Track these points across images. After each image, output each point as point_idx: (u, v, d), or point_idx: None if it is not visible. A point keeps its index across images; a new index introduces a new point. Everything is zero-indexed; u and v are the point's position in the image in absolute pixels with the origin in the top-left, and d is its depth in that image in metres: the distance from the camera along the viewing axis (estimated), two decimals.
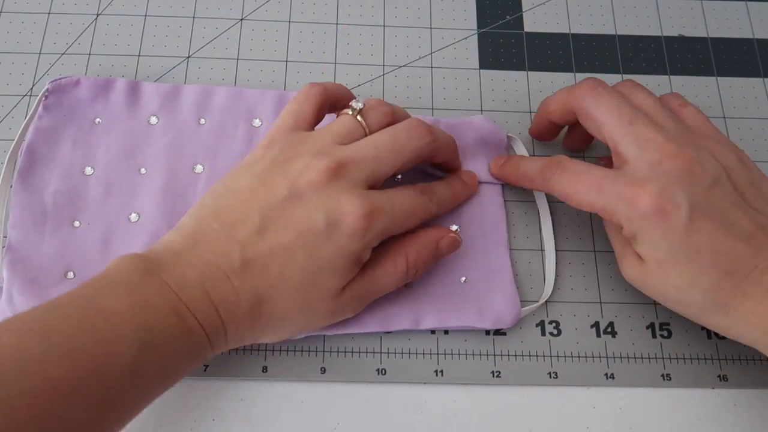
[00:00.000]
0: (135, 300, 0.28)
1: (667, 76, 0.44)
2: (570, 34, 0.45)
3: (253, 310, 0.30)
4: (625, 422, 0.35)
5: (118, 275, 0.29)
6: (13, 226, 0.36)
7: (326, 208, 0.31)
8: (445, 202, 0.37)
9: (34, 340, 0.25)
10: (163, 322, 0.28)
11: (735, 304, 0.31)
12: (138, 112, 0.40)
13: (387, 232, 0.32)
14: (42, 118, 0.39)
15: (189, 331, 0.28)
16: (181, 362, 0.29)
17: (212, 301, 0.29)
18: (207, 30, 0.44)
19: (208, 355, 0.30)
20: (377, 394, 0.35)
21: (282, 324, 0.32)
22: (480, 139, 0.40)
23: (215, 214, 0.31)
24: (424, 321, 0.35)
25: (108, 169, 0.38)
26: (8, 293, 0.35)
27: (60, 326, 0.26)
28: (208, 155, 0.39)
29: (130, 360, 0.26)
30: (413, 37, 0.45)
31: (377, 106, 0.34)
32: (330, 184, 0.31)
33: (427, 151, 0.34)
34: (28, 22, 0.43)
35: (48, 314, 0.27)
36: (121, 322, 0.27)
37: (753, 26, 0.46)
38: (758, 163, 0.41)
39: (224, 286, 0.29)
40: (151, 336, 0.27)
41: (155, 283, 0.28)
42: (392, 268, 0.33)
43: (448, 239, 0.35)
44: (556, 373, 0.36)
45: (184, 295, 0.28)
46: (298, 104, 0.34)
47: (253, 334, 0.31)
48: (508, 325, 0.36)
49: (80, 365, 0.25)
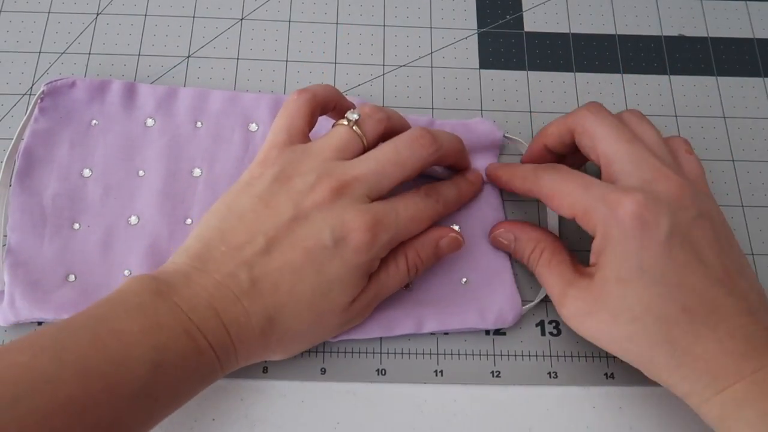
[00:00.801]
0: (147, 321, 0.28)
1: (667, 76, 0.44)
2: (570, 33, 0.45)
3: (264, 330, 0.30)
4: (625, 422, 0.35)
5: (130, 296, 0.29)
6: (13, 229, 0.36)
7: (332, 226, 0.31)
8: (452, 202, 0.37)
9: (46, 360, 0.25)
10: (174, 343, 0.28)
11: (684, 344, 0.29)
12: (134, 114, 0.40)
13: (394, 241, 0.33)
14: (38, 120, 0.39)
15: (200, 352, 0.28)
16: (192, 383, 0.29)
17: (223, 323, 0.29)
18: (207, 30, 0.44)
19: (217, 375, 0.30)
20: (377, 394, 0.35)
21: (293, 341, 0.32)
22: (476, 139, 0.40)
23: (221, 236, 0.31)
24: (426, 324, 0.35)
25: (106, 171, 0.38)
26: (10, 297, 0.35)
27: (72, 346, 0.26)
28: (205, 159, 0.39)
29: (142, 380, 0.26)
30: (413, 36, 0.45)
31: (372, 113, 0.34)
32: (334, 203, 0.31)
33: (431, 161, 0.34)
34: (28, 22, 0.43)
35: (60, 333, 0.26)
36: (133, 342, 0.27)
37: (753, 26, 0.46)
38: (758, 162, 0.42)
39: (234, 307, 0.29)
40: (162, 357, 0.27)
41: (166, 304, 0.28)
42: (394, 269, 0.34)
43: (449, 238, 0.35)
44: (555, 372, 0.36)
45: (195, 316, 0.29)
46: (289, 117, 0.34)
47: (265, 353, 0.32)
48: (510, 324, 0.36)
49: (92, 385, 0.25)
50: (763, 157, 0.42)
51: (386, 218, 0.32)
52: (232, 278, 0.30)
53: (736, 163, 0.42)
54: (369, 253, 0.31)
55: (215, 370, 0.29)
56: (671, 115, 0.43)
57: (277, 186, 0.32)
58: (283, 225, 0.31)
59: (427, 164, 0.34)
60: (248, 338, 0.30)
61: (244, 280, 0.30)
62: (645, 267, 0.30)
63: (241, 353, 0.30)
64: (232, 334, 0.29)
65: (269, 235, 0.31)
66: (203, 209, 0.37)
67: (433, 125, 0.40)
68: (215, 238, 0.31)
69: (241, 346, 0.30)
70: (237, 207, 0.32)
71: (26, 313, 0.34)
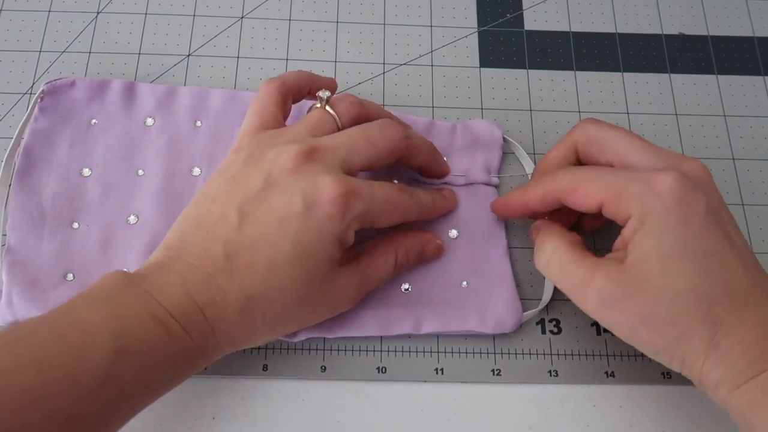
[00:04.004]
0: (110, 310, 0.27)
1: (668, 75, 0.44)
2: (570, 32, 0.45)
3: (243, 308, 0.29)
4: (626, 420, 0.35)
5: (98, 290, 0.28)
6: (12, 228, 0.36)
7: (303, 190, 0.30)
8: (425, 207, 0.36)
9: (2, 353, 0.25)
10: (139, 329, 0.27)
11: (725, 325, 0.28)
12: (134, 114, 0.40)
13: (368, 216, 0.32)
14: (38, 120, 0.39)
15: (171, 336, 0.28)
16: (165, 370, 0.28)
17: (197, 305, 0.29)
18: (207, 28, 0.44)
19: (198, 361, 0.29)
20: (378, 393, 0.35)
21: (280, 320, 0.31)
22: (475, 139, 0.40)
23: (196, 221, 0.31)
24: (425, 325, 0.35)
25: (106, 170, 0.38)
26: (8, 296, 0.35)
27: (30, 339, 0.26)
28: (205, 158, 0.39)
29: (103, 367, 0.26)
30: (413, 35, 0.45)
31: (345, 97, 0.35)
32: (304, 168, 0.31)
33: (400, 148, 0.34)
34: (29, 20, 0.43)
35: (20, 329, 0.26)
36: (94, 331, 0.26)
37: (753, 24, 0.46)
38: (758, 161, 0.42)
39: (209, 287, 0.29)
40: (125, 343, 0.26)
41: (135, 292, 0.28)
42: (383, 261, 0.34)
43: (434, 245, 0.36)
44: (556, 371, 0.36)
45: (166, 301, 0.28)
46: (259, 104, 0.34)
47: (251, 335, 0.31)
48: (510, 329, 0.36)
49: (47, 375, 0.25)
50: (764, 155, 0.42)
51: (360, 190, 0.31)
52: (207, 258, 0.29)
53: (736, 162, 0.42)
54: (342, 221, 0.30)
55: (193, 355, 0.28)
56: (671, 113, 0.43)
57: (250, 164, 0.32)
58: (254, 196, 0.30)
59: (396, 150, 0.34)
60: (227, 318, 0.29)
61: (219, 257, 0.29)
62: (688, 242, 0.29)
63: (222, 336, 0.29)
64: (208, 315, 0.29)
65: (241, 209, 0.30)
66: None
67: (433, 126, 0.40)
68: (190, 225, 0.31)
69: (220, 328, 0.29)
70: (211, 192, 0.32)
71: (24, 312, 0.34)
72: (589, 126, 0.34)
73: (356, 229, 0.32)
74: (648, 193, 0.29)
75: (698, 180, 0.30)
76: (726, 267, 0.29)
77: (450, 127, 0.40)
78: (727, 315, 0.28)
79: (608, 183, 0.31)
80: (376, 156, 0.33)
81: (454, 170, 0.39)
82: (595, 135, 0.34)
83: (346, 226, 0.31)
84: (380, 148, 0.33)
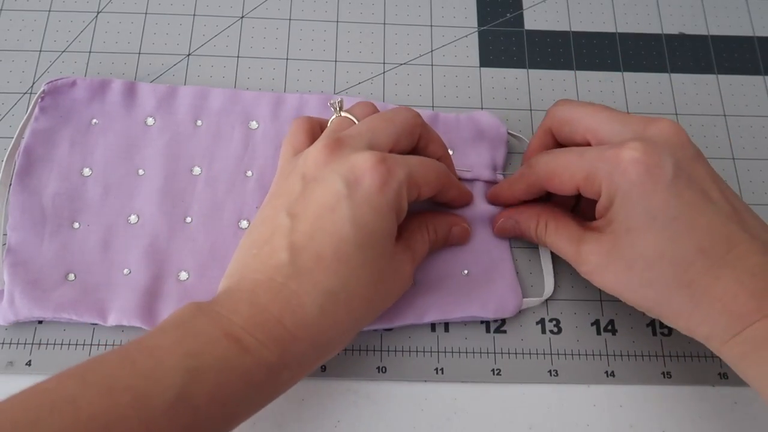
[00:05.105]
0: (182, 332, 0.27)
1: (668, 74, 0.44)
2: (570, 31, 0.45)
3: (323, 307, 0.29)
4: (626, 420, 0.35)
5: (169, 319, 0.28)
6: (13, 228, 0.36)
7: (341, 174, 0.30)
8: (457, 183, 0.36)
9: (71, 383, 0.25)
10: (212, 347, 0.26)
11: (702, 285, 0.29)
12: (134, 113, 0.40)
13: (412, 182, 0.32)
14: (38, 120, 0.39)
15: (245, 351, 0.27)
16: (242, 387, 0.27)
17: (273, 315, 0.28)
18: (207, 28, 0.44)
19: (282, 375, 0.28)
20: (378, 392, 0.35)
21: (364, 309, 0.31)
22: (480, 133, 0.40)
23: (251, 244, 0.31)
24: (427, 314, 0.35)
25: (106, 170, 0.38)
26: (10, 296, 0.35)
27: (99, 367, 0.25)
28: (205, 157, 0.39)
29: (175, 388, 0.25)
30: (414, 34, 0.45)
31: (358, 102, 0.36)
32: (335, 156, 0.31)
33: (417, 126, 0.34)
34: (29, 20, 0.43)
35: (91, 360, 0.26)
36: (164, 355, 0.26)
37: (753, 24, 0.46)
38: (758, 160, 0.42)
39: (281, 294, 0.28)
40: (197, 362, 0.26)
41: (205, 315, 0.28)
42: (420, 237, 0.34)
43: (461, 228, 0.37)
44: (556, 370, 0.36)
45: (238, 317, 0.27)
46: (291, 135, 0.35)
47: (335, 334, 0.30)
48: (511, 313, 0.36)
49: (116, 399, 0.24)
50: (764, 155, 0.42)
51: (394, 157, 0.31)
52: (271, 268, 0.29)
53: (736, 161, 0.42)
54: (389, 188, 0.30)
55: (273, 369, 0.27)
56: (671, 113, 0.43)
57: (286, 177, 0.33)
58: (297, 198, 0.31)
59: (414, 128, 0.34)
60: (307, 323, 0.28)
61: (284, 264, 0.29)
62: (654, 212, 0.30)
63: (304, 342, 0.28)
64: (288, 323, 0.28)
65: (290, 212, 0.30)
66: (203, 208, 0.38)
67: (437, 119, 0.40)
68: (246, 249, 0.31)
69: (302, 333, 0.28)
70: (260, 217, 0.32)
71: (26, 312, 0.34)
72: (559, 108, 0.35)
73: (406, 198, 0.31)
74: (614, 170, 0.30)
75: (666, 141, 0.31)
76: (698, 228, 0.29)
77: (454, 118, 0.40)
78: (702, 276, 0.29)
79: (578, 167, 0.32)
80: (396, 134, 0.33)
81: (461, 164, 0.39)
82: (565, 116, 0.35)
83: (395, 193, 0.31)
84: (398, 125, 0.33)
